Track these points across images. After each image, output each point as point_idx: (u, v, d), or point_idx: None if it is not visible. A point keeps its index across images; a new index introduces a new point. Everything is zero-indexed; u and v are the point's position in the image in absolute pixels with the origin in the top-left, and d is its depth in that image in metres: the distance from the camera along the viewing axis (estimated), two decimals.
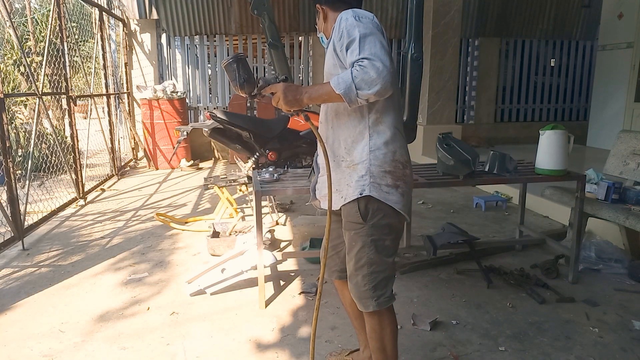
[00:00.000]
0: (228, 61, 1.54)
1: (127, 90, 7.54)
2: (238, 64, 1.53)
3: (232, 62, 1.54)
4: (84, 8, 6.25)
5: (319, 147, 1.61)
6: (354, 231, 1.59)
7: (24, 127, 7.00)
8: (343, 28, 1.44)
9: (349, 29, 1.42)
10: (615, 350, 2.19)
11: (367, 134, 1.56)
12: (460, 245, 3.21)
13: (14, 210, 3.51)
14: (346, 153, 1.58)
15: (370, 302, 1.61)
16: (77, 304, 2.69)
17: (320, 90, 1.47)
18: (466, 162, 2.57)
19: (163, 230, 4.01)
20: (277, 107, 1.55)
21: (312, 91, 1.49)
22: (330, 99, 1.47)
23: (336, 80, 1.40)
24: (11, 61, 7.14)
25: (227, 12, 7.53)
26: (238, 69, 1.52)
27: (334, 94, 1.41)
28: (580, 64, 8.93)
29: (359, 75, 1.36)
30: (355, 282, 1.63)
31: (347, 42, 1.42)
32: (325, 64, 1.62)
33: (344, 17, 1.47)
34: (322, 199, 1.74)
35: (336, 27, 1.48)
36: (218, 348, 2.23)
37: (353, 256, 1.62)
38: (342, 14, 1.50)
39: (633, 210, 2.75)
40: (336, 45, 1.48)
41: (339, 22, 1.47)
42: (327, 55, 1.60)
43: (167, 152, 6.96)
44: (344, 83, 1.39)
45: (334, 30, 1.50)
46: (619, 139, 3.40)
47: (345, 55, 1.45)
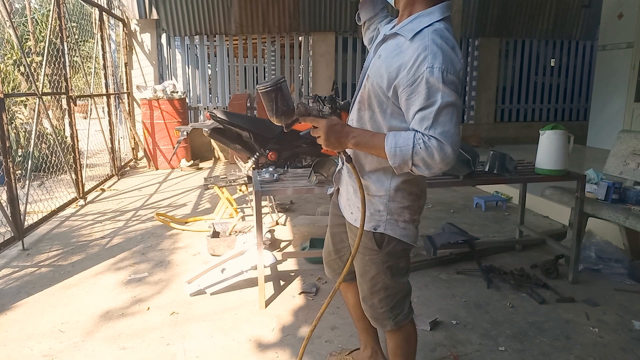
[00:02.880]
0: (266, 89, 1.32)
1: (127, 90, 7.54)
2: (277, 93, 1.31)
3: (271, 92, 1.32)
4: (84, 8, 6.25)
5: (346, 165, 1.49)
6: (368, 257, 1.49)
7: (24, 127, 7.00)
8: (424, 76, 1.17)
9: (431, 87, 1.17)
10: (615, 350, 2.19)
11: (391, 169, 1.37)
12: (460, 245, 3.21)
13: (14, 210, 3.51)
14: (365, 174, 1.45)
15: (388, 322, 1.56)
16: (77, 304, 2.69)
17: (370, 143, 1.28)
18: (466, 162, 2.57)
19: (163, 230, 4.01)
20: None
21: (360, 139, 1.28)
22: (378, 156, 1.31)
23: (393, 147, 1.21)
24: (11, 61, 7.14)
25: (227, 12, 7.53)
26: (276, 100, 1.32)
27: (385, 156, 1.24)
28: (580, 64, 8.93)
29: (422, 154, 1.17)
30: (371, 304, 1.56)
31: (422, 101, 1.18)
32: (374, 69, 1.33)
33: (430, 61, 1.17)
34: (340, 195, 1.66)
35: (413, 62, 1.19)
36: (218, 348, 2.23)
37: (368, 280, 1.53)
38: (430, 49, 1.18)
39: (633, 210, 2.75)
40: (401, 81, 1.22)
41: (423, 59, 1.18)
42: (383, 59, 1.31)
43: (167, 152, 6.96)
44: (401, 157, 1.20)
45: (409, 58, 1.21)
46: (619, 139, 3.40)
47: (408, 105, 1.23)
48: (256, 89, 1.25)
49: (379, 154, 1.26)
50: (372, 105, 1.36)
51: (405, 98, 1.22)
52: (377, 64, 1.31)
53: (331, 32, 7.76)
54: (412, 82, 1.19)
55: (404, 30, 1.26)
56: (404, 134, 1.22)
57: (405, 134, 1.22)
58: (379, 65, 1.30)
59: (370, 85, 1.33)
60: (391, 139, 1.22)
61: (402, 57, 1.23)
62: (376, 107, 1.34)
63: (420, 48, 1.19)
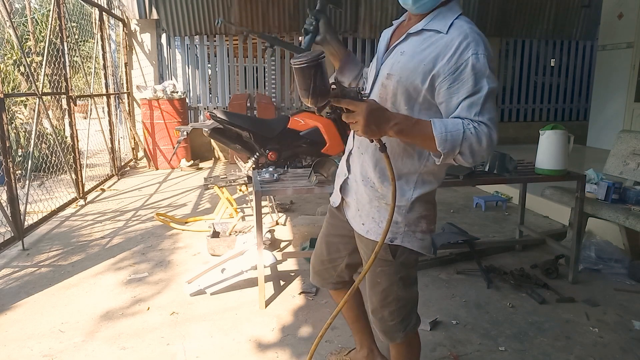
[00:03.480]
0: (305, 64, 1.15)
1: (127, 90, 7.54)
2: (317, 70, 1.15)
3: (310, 68, 1.15)
4: (84, 8, 6.25)
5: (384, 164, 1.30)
6: (379, 268, 1.42)
7: (24, 127, 7.00)
8: (470, 62, 1.16)
9: (477, 73, 1.16)
10: (615, 350, 2.19)
11: (414, 179, 1.35)
12: (460, 245, 3.21)
13: (14, 210, 3.51)
14: (379, 182, 1.37)
15: (398, 334, 1.51)
16: (77, 304, 2.69)
17: (415, 129, 1.17)
18: None
19: (163, 230, 4.01)
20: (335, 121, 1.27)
21: (404, 126, 1.16)
22: (421, 145, 1.21)
23: (443, 132, 1.14)
24: (11, 61, 7.14)
25: (227, 12, 7.53)
26: (314, 78, 1.15)
27: (430, 143, 1.16)
28: (580, 64, 8.93)
29: (471, 139, 1.14)
30: (381, 317, 1.49)
31: (469, 87, 1.17)
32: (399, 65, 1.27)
33: (474, 48, 1.17)
34: (346, 205, 1.54)
35: (454, 51, 1.18)
36: (218, 348, 2.23)
37: (378, 293, 1.46)
38: (472, 36, 1.19)
39: (633, 210, 2.75)
40: (441, 70, 1.19)
41: (466, 47, 1.17)
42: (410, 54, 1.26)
43: (167, 152, 6.96)
44: (452, 142, 1.14)
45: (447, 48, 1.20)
46: (619, 139, 3.40)
47: (450, 94, 1.20)
48: (291, 63, 1.17)
49: (423, 142, 1.18)
50: (396, 103, 1.30)
51: (447, 87, 1.19)
52: (402, 61, 1.26)
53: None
54: (454, 70, 1.17)
55: (432, 25, 1.25)
56: (450, 120, 1.18)
57: (451, 120, 1.17)
58: (406, 61, 1.25)
59: (396, 83, 1.27)
60: (439, 124, 1.15)
61: (436, 48, 1.21)
62: (403, 104, 1.29)
63: (461, 37, 1.19)
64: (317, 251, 1.73)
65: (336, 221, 1.63)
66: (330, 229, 1.66)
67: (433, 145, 1.15)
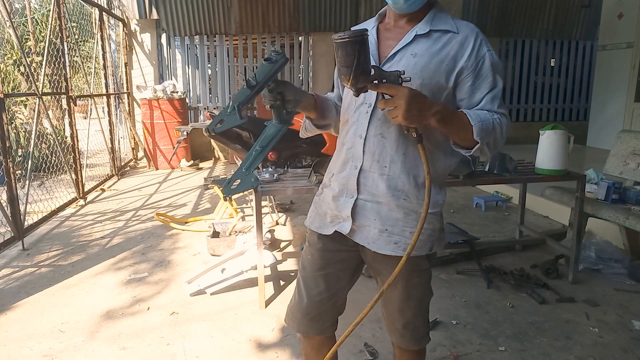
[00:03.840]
0: (348, 38, 1.08)
1: (127, 90, 7.54)
2: (362, 47, 1.09)
3: (355, 43, 1.08)
4: (84, 8, 6.25)
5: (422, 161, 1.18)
6: (416, 279, 1.36)
7: (24, 127, 7.00)
8: (487, 59, 1.22)
9: (495, 68, 1.24)
10: (615, 350, 2.19)
11: (440, 181, 1.32)
12: (460, 245, 3.21)
13: (14, 210, 3.51)
14: (415, 192, 1.27)
15: (427, 337, 1.46)
16: (77, 304, 2.69)
17: (455, 118, 1.16)
18: (466, 162, 2.57)
19: (163, 230, 4.01)
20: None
21: (445, 114, 1.13)
22: (456, 135, 1.19)
23: (479, 121, 1.16)
24: (11, 61, 7.14)
25: (227, 12, 7.53)
26: (359, 55, 1.08)
27: (465, 133, 1.17)
28: (580, 64, 8.93)
29: (497, 130, 1.19)
30: (414, 327, 1.42)
31: (490, 82, 1.23)
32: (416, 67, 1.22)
33: (487, 45, 1.23)
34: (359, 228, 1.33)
35: (472, 47, 1.22)
36: (218, 348, 2.23)
37: (414, 305, 1.39)
38: (481, 34, 1.24)
39: (633, 210, 2.75)
40: (465, 66, 1.21)
41: (480, 44, 1.22)
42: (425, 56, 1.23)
43: (167, 152, 6.96)
44: (485, 131, 1.17)
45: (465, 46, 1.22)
46: (619, 139, 3.40)
47: (473, 89, 1.23)
48: (333, 38, 1.11)
49: (459, 131, 1.17)
50: None
51: (471, 82, 1.22)
52: (419, 63, 1.22)
53: (331, 32, 7.75)
54: (475, 66, 1.21)
55: (438, 25, 1.25)
56: (478, 111, 1.21)
57: (480, 111, 1.20)
58: (425, 63, 1.22)
59: (419, 86, 1.21)
60: (474, 114, 1.18)
61: (453, 47, 1.22)
62: None
63: (474, 35, 1.23)
64: (311, 293, 1.44)
65: (332, 251, 1.41)
66: (325, 261, 1.42)
67: (469, 135, 1.16)
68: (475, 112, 1.19)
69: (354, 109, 1.31)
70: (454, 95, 1.25)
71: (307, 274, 1.45)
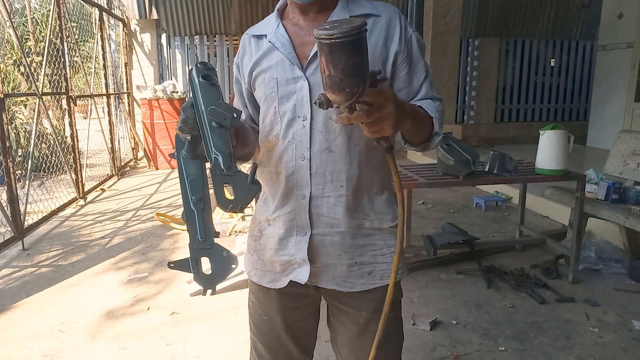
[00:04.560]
0: (355, 34, 0.75)
1: (127, 90, 7.54)
2: (362, 46, 0.78)
3: (353, 43, 0.76)
4: (84, 8, 6.25)
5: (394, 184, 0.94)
6: (392, 314, 1.08)
7: (24, 127, 7.00)
8: (414, 41, 1.05)
9: (423, 50, 1.08)
10: (615, 350, 2.19)
11: (392, 186, 1.11)
12: (460, 245, 3.21)
13: (14, 210, 3.51)
14: (370, 205, 1.07)
15: None
16: (77, 304, 2.69)
17: (418, 113, 0.98)
18: (466, 162, 2.57)
19: (163, 230, 4.01)
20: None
21: (413, 112, 0.96)
22: (416, 132, 1.00)
23: (435, 111, 1.02)
24: (11, 61, 7.14)
25: (227, 12, 7.54)
26: (367, 53, 0.79)
27: (425, 128, 1.00)
28: (580, 64, 8.94)
29: (442, 117, 1.04)
30: None
31: (423, 66, 1.06)
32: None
33: (409, 25, 1.06)
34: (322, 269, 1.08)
35: (400, 30, 1.03)
36: (218, 348, 2.23)
37: (392, 348, 1.15)
38: (400, 13, 1.07)
39: (633, 210, 2.75)
40: (398, 53, 1.03)
41: (404, 25, 1.04)
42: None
43: (167, 152, 6.95)
44: (440, 120, 1.03)
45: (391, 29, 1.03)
46: (619, 139, 3.40)
47: (410, 77, 1.05)
48: (320, 35, 0.76)
49: (422, 127, 0.99)
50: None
51: (407, 70, 1.05)
52: None
53: None
54: (406, 50, 1.03)
55: (356, 10, 1.03)
56: (425, 101, 1.05)
57: (427, 101, 1.05)
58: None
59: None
60: (428, 105, 1.02)
61: (379, 33, 1.02)
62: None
63: (397, 15, 1.05)
64: (277, 355, 1.20)
65: (292, 308, 1.16)
66: (288, 320, 1.16)
67: (428, 129, 1.01)
68: (423, 103, 1.04)
69: (284, 128, 1.03)
70: (391, 87, 1.06)
71: (268, 337, 1.19)
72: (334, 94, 0.81)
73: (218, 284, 1.01)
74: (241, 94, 1.15)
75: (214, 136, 0.87)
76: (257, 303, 1.19)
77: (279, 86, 1.03)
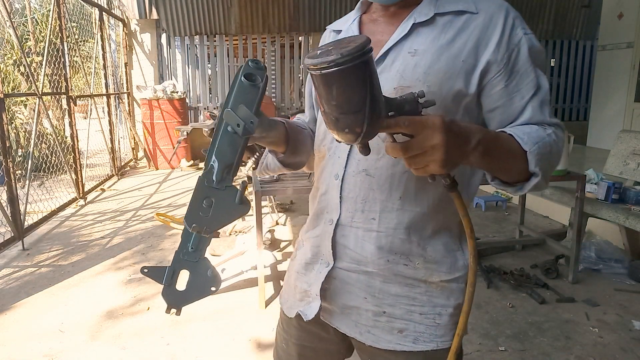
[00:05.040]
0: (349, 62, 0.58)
1: (127, 90, 7.54)
2: (371, 68, 0.62)
3: (361, 66, 0.60)
4: (84, 8, 6.25)
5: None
6: None
7: (24, 127, 7.00)
8: (525, 45, 0.81)
9: (536, 62, 0.82)
10: (615, 350, 2.19)
11: (458, 228, 0.89)
12: None
13: (14, 210, 3.51)
14: (420, 251, 0.86)
15: None
16: (77, 303, 2.69)
17: (500, 145, 0.73)
18: None
19: (163, 230, 4.01)
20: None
21: (488, 142, 0.70)
22: (502, 169, 0.76)
23: (534, 142, 0.75)
24: (11, 61, 7.14)
25: (227, 12, 7.53)
26: (371, 85, 0.61)
27: (514, 164, 0.75)
28: (580, 64, 8.93)
29: (555, 152, 0.80)
30: None
31: (533, 80, 0.81)
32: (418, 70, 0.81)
33: (522, 25, 0.82)
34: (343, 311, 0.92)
35: (502, 31, 0.80)
36: (218, 348, 2.23)
37: None
38: (513, 10, 0.83)
39: (633, 210, 2.75)
40: (491, 62, 0.80)
41: (513, 24, 0.81)
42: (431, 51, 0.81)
43: (167, 152, 6.96)
44: (545, 157, 0.76)
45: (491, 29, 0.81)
46: (619, 139, 3.40)
47: (509, 93, 0.81)
48: (308, 66, 0.59)
49: (506, 163, 0.75)
50: None
51: (505, 85, 0.81)
52: (421, 63, 0.81)
53: None
54: (508, 58, 0.80)
55: (446, 6, 0.83)
56: (525, 127, 0.80)
57: (527, 128, 0.79)
58: (429, 61, 0.81)
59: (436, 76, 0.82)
60: (523, 134, 0.77)
61: (471, 35, 0.81)
62: None
63: (502, 12, 0.82)
64: None
65: (308, 347, 1.02)
66: (306, 354, 1.02)
67: (521, 165, 0.75)
68: (522, 129, 0.78)
69: (330, 138, 0.90)
70: (479, 104, 0.84)
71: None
72: (335, 134, 0.66)
73: (185, 305, 0.90)
74: (311, 93, 1.03)
75: (222, 141, 0.78)
76: (280, 328, 1.07)
77: None
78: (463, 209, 0.73)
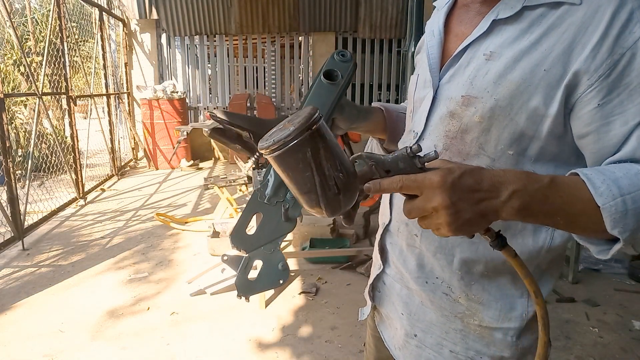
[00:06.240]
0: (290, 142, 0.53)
1: (127, 90, 7.54)
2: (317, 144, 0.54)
3: (302, 144, 0.53)
4: (84, 8, 6.26)
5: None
6: None
7: (24, 127, 7.00)
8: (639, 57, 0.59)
9: None
10: (615, 350, 2.19)
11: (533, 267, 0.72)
12: None
13: (14, 210, 3.51)
14: (462, 286, 0.75)
15: None
16: (77, 303, 2.69)
17: (553, 198, 0.56)
18: None
19: (163, 230, 4.01)
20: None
21: (530, 195, 0.55)
22: (566, 226, 0.58)
23: (617, 194, 0.54)
24: (11, 61, 7.15)
25: (227, 12, 7.53)
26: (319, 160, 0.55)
27: (585, 221, 0.57)
28: None
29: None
30: None
31: (638, 104, 0.59)
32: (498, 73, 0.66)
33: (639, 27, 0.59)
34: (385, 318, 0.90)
35: (605, 30, 0.60)
36: (218, 348, 2.23)
37: None
38: (622, 10, 0.59)
39: None
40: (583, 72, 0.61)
41: (626, 20, 0.59)
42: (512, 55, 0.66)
43: (167, 152, 6.96)
44: (635, 212, 0.54)
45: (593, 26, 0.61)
46: None
47: (607, 114, 0.61)
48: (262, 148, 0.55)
49: (569, 220, 0.57)
50: (488, 148, 0.69)
51: (599, 103, 0.61)
52: (494, 69, 0.67)
53: (331, 32, 7.76)
54: (610, 68, 0.59)
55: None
56: (616, 167, 0.58)
57: (614, 168, 0.58)
58: (501, 69, 0.66)
59: (490, 111, 0.67)
60: (600, 180, 0.56)
61: (564, 35, 0.62)
62: (505, 148, 0.68)
63: (607, 5, 0.60)
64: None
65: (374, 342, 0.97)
66: (378, 354, 0.97)
67: (596, 224, 0.56)
68: (604, 171, 0.57)
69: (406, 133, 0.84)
70: (565, 127, 0.65)
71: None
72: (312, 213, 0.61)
73: (253, 294, 0.91)
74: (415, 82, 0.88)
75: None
76: (370, 321, 1.00)
77: (417, 88, 0.79)
78: (521, 269, 0.57)
